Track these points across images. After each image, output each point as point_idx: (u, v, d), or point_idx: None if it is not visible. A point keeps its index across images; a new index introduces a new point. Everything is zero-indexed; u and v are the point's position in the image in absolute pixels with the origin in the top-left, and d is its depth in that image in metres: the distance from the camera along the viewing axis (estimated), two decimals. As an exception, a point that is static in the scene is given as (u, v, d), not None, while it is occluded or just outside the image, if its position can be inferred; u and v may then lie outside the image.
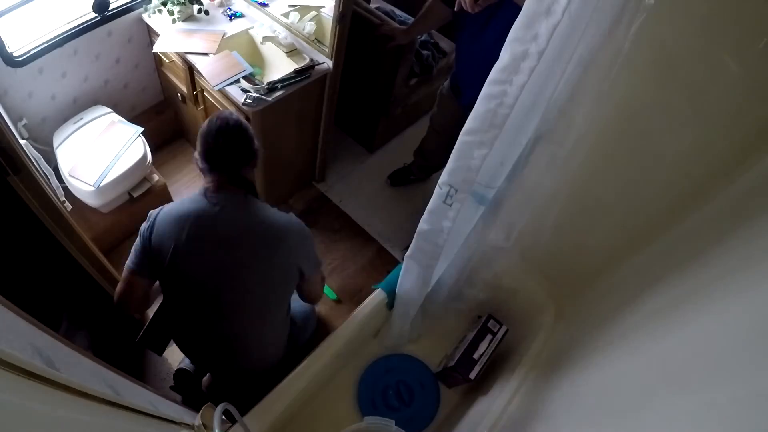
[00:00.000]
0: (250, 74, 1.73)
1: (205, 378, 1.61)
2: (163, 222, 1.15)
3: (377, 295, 1.50)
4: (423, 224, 1.18)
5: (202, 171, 1.18)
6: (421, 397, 1.57)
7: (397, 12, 2.33)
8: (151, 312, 1.37)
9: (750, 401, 0.58)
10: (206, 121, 1.14)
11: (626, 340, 1.02)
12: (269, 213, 1.17)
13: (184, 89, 1.98)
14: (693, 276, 0.93)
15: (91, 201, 1.88)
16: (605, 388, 0.96)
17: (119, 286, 1.20)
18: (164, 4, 1.89)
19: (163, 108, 2.38)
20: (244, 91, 1.69)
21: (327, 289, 2.02)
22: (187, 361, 1.61)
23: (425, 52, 2.24)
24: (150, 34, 2.05)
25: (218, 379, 1.53)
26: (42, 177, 1.28)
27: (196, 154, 1.17)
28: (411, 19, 2.33)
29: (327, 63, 1.79)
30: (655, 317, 0.97)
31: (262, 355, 1.33)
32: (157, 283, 1.24)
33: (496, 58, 0.85)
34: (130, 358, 1.81)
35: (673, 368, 0.79)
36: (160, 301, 1.35)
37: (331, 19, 1.64)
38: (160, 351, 1.41)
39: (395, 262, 2.10)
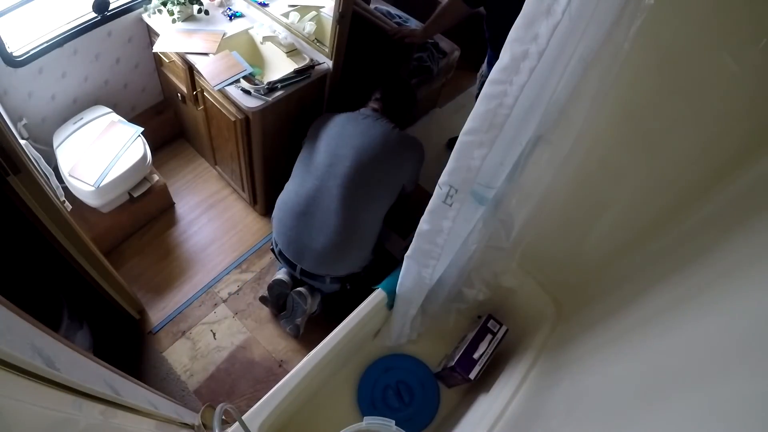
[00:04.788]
0: (250, 74, 1.73)
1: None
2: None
3: (377, 295, 1.50)
4: (423, 224, 1.18)
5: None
6: (421, 397, 1.57)
7: (394, 12, 2.34)
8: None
9: (751, 401, 0.58)
10: None
11: (627, 340, 1.02)
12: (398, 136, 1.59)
13: (184, 89, 1.98)
14: (693, 275, 0.93)
15: (91, 201, 1.88)
16: (606, 388, 0.96)
17: None
18: (164, 4, 1.89)
19: (163, 108, 2.39)
20: (244, 91, 1.69)
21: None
22: (281, 273, 1.81)
23: (419, 54, 2.24)
24: (150, 34, 2.05)
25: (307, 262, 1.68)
26: (42, 177, 1.28)
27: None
28: (410, 19, 2.34)
29: (327, 63, 1.80)
30: (656, 316, 0.97)
31: (354, 238, 1.59)
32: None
33: None
34: (130, 357, 1.81)
35: (674, 367, 0.79)
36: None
37: (331, 19, 1.64)
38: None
39: (395, 262, 2.10)
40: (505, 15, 1.50)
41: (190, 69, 1.83)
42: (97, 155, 1.87)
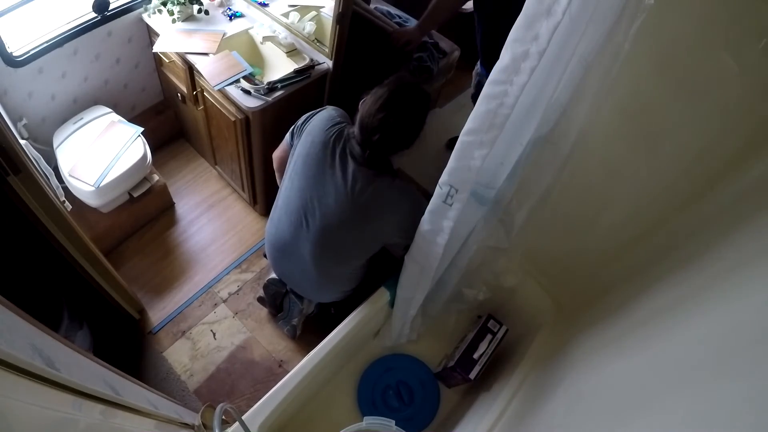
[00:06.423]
0: (250, 74, 1.73)
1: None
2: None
3: (378, 295, 1.50)
4: (423, 224, 1.18)
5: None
6: (421, 397, 1.57)
7: (394, 12, 2.33)
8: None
9: (751, 401, 0.58)
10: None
11: (626, 339, 1.03)
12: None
13: (184, 89, 1.98)
14: (693, 275, 0.93)
15: (91, 201, 1.88)
16: (605, 388, 0.96)
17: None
18: (164, 4, 1.89)
19: (163, 108, 2.38)
20: (244, 91, 1.69)
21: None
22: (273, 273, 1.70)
23: (419, 54, 2.23)
24: (150, 34, 2.05)
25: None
26: (42, 177, 1.28)
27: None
28: (410, 19, 2.34)
29: (327, 63, 1.79)
30: (656, 316, 0.97)
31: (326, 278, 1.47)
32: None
33: None
34: (130, 357, 1.81)
35: (674, 367, 0.79)
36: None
37: (331, 19, 1.64)
38: None
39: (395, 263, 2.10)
40: (497, 15, 1.50)
41: (190, 69, 1.83)
42: (97, 155, 1.87)
